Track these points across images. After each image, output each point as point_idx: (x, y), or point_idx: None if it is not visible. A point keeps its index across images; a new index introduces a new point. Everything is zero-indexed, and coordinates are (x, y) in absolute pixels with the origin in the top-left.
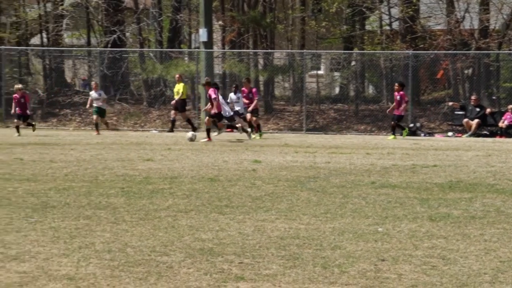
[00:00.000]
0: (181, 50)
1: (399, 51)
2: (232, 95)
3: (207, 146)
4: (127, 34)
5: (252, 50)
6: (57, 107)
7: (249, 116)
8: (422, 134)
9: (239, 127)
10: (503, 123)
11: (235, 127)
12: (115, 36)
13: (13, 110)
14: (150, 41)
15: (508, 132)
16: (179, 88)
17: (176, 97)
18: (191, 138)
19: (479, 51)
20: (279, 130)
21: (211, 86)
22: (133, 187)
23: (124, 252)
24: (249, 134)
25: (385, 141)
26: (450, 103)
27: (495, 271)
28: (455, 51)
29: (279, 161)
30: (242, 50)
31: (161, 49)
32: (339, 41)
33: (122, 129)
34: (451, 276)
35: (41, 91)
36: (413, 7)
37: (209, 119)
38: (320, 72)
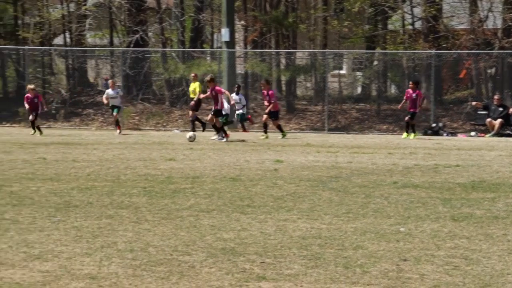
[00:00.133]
0: (203, 50)
1: (422, 51)
2: (234, 96)
3: (229, 146)
4: (150, 34)
5: (274, 50)
6: (80, 107)
7: (265, 118)
8: (445, 134)
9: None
10: None
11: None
12: (138, 36)
13: (27, 109)
14: (173, 41)
15: None
16: (195, 87)
17: (192, 96)
18: (192, 138)
19: (502, 51)
20: (301, 130)
21: (216, 83)
22: (155, 187)
23: (146, 252)
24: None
25: (407, 141)
26: (473, 103)
27: None
28: (478, 51)
29: (301, 161)
30: (264, 50)
31: (183, 49)
32: (361, 41)
33: (144, 129)
34: (474, 277)
35: (64, 91)
36: (436, 7)
37: (213, 117)
38: (342, 72)
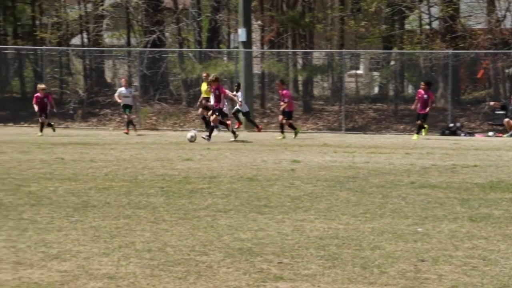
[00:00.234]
0: (220, 50)
1: (439, 51)
2: (236, 93)
3: (246, 146)
4: (167, 34)
5: (291, 50)
6: (97, 107)
7: (281, 118)
8: (462, 134)
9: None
10: None
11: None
12: (155, 36)
13: (37, 109)
14: (189, 41)
15: None
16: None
17: (205, 96)
18: (193, 138)
19: None
20: (318, 130)
21: (220, 83)
22: (173, 187)
23: (164, 252)
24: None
25: (425, 141)
26: (491, 103)
27: None
28: (496, 51)
29: (318, 161)
30: (281, 50)
31: (200, 49)
32: (378, 41)
33: (162, 129)
34: (492, 277)
35: (82, 91)
36: (453, 6)
37: (217, 117)
38: (359, 72)
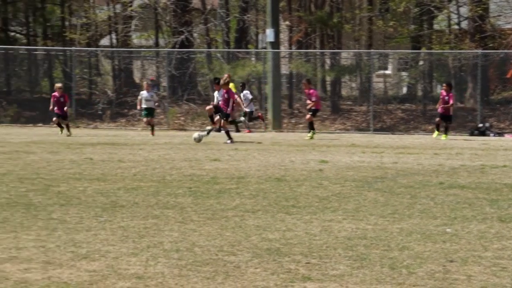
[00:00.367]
0: (248, 51)
1: (468, 51)
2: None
3: (274, 146)
4: (195, 35)
5: (319, 50)
6: (126, 108)
7: (308, 117)
8: (492, 134)
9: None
10: None
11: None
12: (183, 37)
13: (51, 107)
14: (218, 42)
15: None
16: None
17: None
18: (197, 139)
19: None
20: (346, 130)
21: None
22: (201, 187)
23: (192, 252)
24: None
25: (454, 142)
26: None
27: None
28: None
29: (346, 161)
30: (309, 50)
31: (228, 50)
32: (407, 41)
33: (190, 129)
34: None
35: (110, 92)
36: (483, 6)
37: (225, 121)
38: (388, 72)
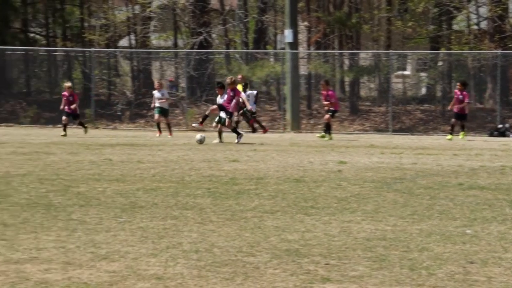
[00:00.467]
0: (267, 51)
1: (487, 51)
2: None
3: (292, 147)
4: (213, 36)
5: (338, 51)
6: (145, 108)
7: (327, 117)
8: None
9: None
10: None
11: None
12: (202, 38)
13: (62, 107)
14: (236, 42)
15: None
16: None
17: None
18: (200, 140)
19: None
20: (365, 131)
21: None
22: (220, 188)
23: (211, 252)
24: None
25: (473, 143)
26: None
27: None
28: None
29: (365, 162)
30: (328, 51)
31: (247, 50)
32: (426, 41)
33: (208, 130)
34: None
35: (129, 93)
36: (502, 6)
37: (229, 120)
38: (406, 73)
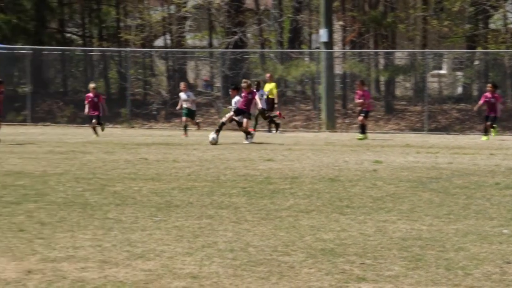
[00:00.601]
0: (302, 51)
1: None
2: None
3: (328, 146)
4: (248, 35)
5: (373, 50)
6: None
7: (361, 118)
8: None
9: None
10: None
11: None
12: (237, 37)
13: (86, 110)
14: (271, 42)
15: None
16: (272, 88)
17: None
18: (214, 139)
19: None
20: (400, 130)
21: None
22: (254, 187)
23: (246, 252)
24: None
25: (510, 142)
26: None
27: None
28: None
29: (400, 162)
30: (363, 50)
31: (282, 50)
32: (462, 40)
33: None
34: None
35: (165, 92)
36: None
37: (247, 121)
38: (442, 72)
